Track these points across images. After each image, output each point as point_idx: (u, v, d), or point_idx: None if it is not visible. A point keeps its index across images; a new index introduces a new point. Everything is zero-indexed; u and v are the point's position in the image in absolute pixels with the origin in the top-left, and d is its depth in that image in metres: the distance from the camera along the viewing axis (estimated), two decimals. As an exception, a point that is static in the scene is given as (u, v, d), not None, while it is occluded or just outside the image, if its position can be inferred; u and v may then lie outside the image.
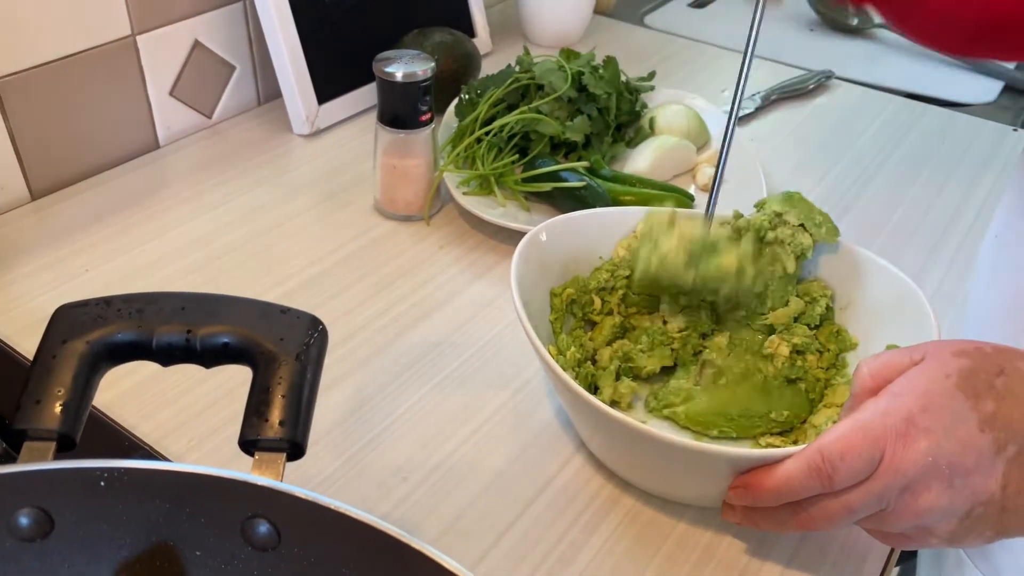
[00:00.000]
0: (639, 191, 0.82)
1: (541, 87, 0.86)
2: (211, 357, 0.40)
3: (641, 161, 0.87)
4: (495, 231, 0.80)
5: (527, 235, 0.62)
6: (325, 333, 0.41)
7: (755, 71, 0.59)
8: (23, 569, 0.35)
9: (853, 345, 0.62)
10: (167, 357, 0.40)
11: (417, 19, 1.00)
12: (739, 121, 1.01)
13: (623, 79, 0.92)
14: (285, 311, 0.41)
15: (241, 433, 0.38)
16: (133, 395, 0.62)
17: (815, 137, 1.01)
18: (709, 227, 0.60)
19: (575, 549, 0.54)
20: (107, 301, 0.40)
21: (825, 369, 0.61)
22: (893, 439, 0.44)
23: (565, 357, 0.61)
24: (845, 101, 1.09)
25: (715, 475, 0.51)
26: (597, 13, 1.24)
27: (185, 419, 0.61)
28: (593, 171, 0.83)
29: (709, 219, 0.60)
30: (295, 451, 0.38)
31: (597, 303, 0.65)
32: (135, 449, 0.58)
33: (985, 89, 1.14)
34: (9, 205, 0.81)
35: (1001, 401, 0.43)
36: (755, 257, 0.61)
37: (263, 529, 0.35)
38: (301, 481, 0.57)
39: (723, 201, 0.62)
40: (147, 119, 0.89)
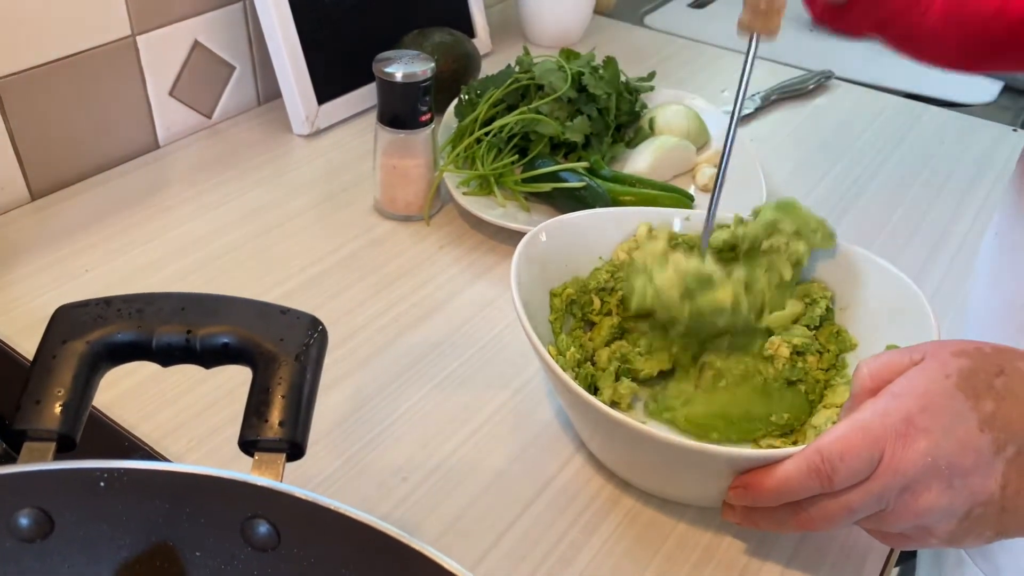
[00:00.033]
0: (639, 191, 0.82)
1: (541, 87, 0.86)
2: (211, 357, 0.40)
3: (641, 161, 0.87)
4: (495, 231, 0.81)
5: (527, 235, 0.62)
6: (325, 333, 0.41)
7: (755, 71, 0.59)
8: (23, 569, 0.35)
9: (853, 346, 0.62)
10: (167, 357, 0.40)
11: (417, 19, 1.00)
12: (739, 121, 1.01)
13: (623, 79, 0.92)
14: (285, 311, 0.41)
15: (241, 433, 0.38)
16: (133, 395, 0.62)
17: (815, 137, 1.01)
18: (704, 258, 0.60)
19: (575, 549, 0.54)
20: (107, 301, 0.40)
21: (825, 370, 0.61)
22: (892, 439, 0.44)
23: (565, 358, 0.61)
24: (845, 101, 1.09)
25: (715, 475, 0.51)
26: (597, 13, 1.24)
27: (185, 419, 0.61)
28: (593, 171, 0.83)
29: (703, 251, 0.60)
30: (295, 451, 0.38)
31: (596, 303, 0.65)
32: (135, 449, 0.58)
33: (985, 89, 1.14)
34: (9, 205, 0.81)
35: (1001, 401, 0.43)
36: (750, 287, 0.61)
37: (263, 529, 0.35)
38: (301, 481, 0.57)
39: (722, 201, 0.62)
40: (147, 119, 0.89)
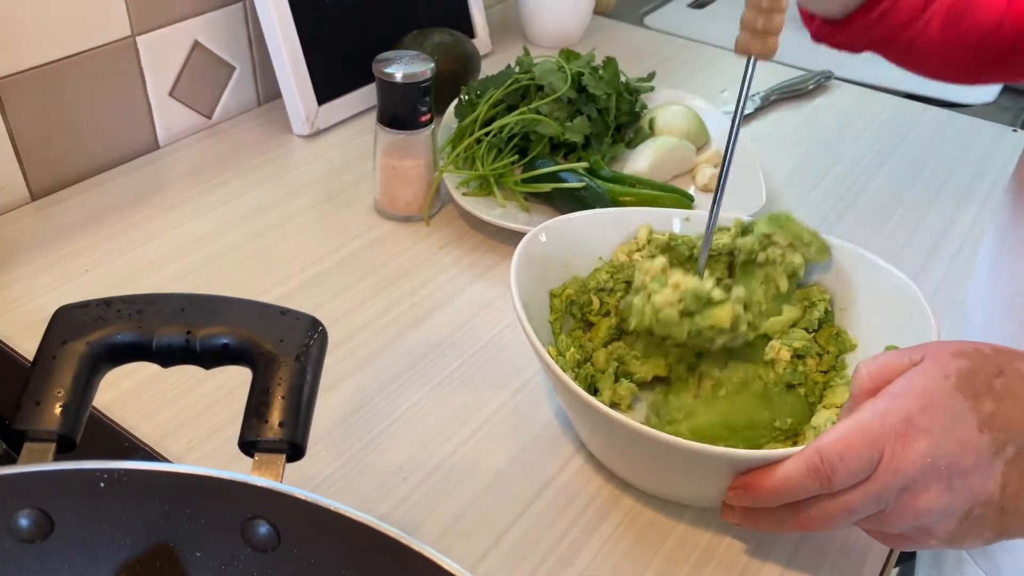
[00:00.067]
0: (639, 192, 0.82)
1: (541, 88, 0.86)
2: (211, 358, 0.40)
3: (641, 162, 0.87)
4: (495, 232, 0.81)
5: (527, 236, 0.62)
6: (325, 334, 0.41)
7: (755, 71, 0.59)
8: (23, 570, 0.36)
9: (852, 346, 0.62)
10: (167, 358, 0.40)
11: (417, 20, 1.00)
12: (737, 135, 1.02)
13: (623, 80, 0.92)
14: (285, 312, 0.41)
15: (241, 434, 0.38)
16: (133, 396, 0.62)
17: (815, 137, 1.01)
18: (702, 275, 0.60)
19: (575, 549, 0.54)
20: (107, 302, 0.40)
21: (824, 372, 0.61)
22: (892, 439, 0.44)
23: (565, 358, 0.61)
24: (845, 101, 1.09)
25: (714, 476, 0.51)
26: (597, 14, 1.24)
27: (185, 420, 0.61)
28: (593, 172, 0.83)
29: (701, 270, 0.60)
30: (295, 452, 0.38)
31: (595, 303, 0.65)
32: (135, 450, 0.58)
33: (984, 89, 1.14)
34: (9, 205, 0.81)
35: (1000, 402, 0.43)
36: (749, 306, 0.61)
37: (263, 530, 0.35)
38: (301, 482, 0.57)
39: (723, 203, 0.62)
40: (147, 119, 0.89)
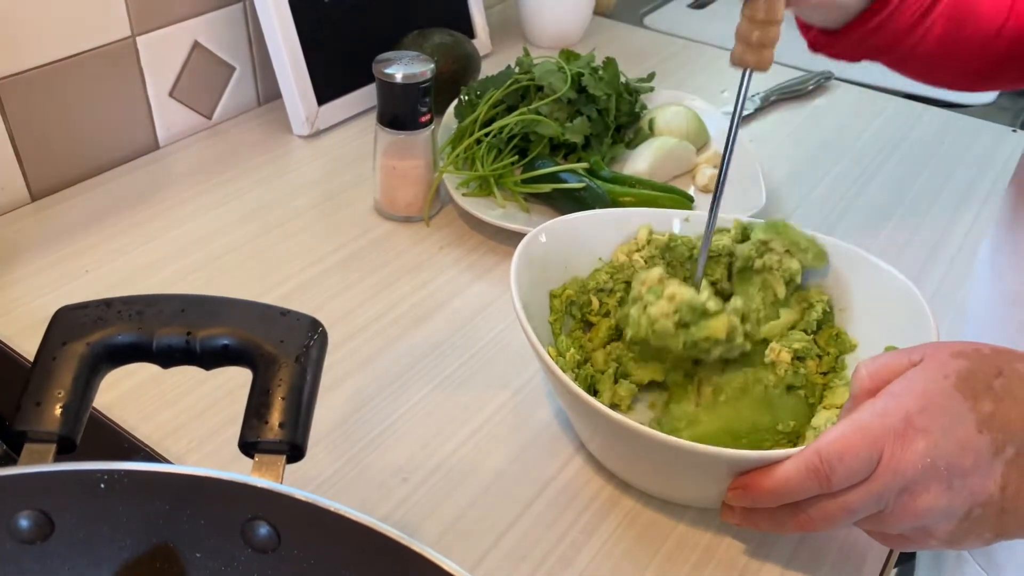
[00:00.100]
0: (639, 192, 0.82)
1: (541, 88, 0.86)
2: (211, 359, 0.40)
3: (641, 162, 0.87)
4: (495, 232, 0.81)
5: (527, 236, 0.62)
6: (325, 335, 0.41)
7: (751, 82, 0.59)
8: (23, 571, 0.36)
9: (852, 347, 0.62)
10: (167, 359, 0.40)
11: (417, 20, 1.00)
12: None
13: (623, 80, 0.92)
14: (285, 313, 0.41)
15: (241, 435, 0.38)
16: (133, 397, 0.63)
17: (815, 138, 1.02)
18: (700, 279, 0.59)
19: (575, 550, 0.54)
20: (107, 303, 0.40)
21: (824, 374, 0.61)
22: (891, 440, 0.44)
23: (565, 359, 0.61)
24: (844, 102, 1.09)
25: (714, 476, 0.51)
26: (597, 14, 1.24)
27: (185, 421, 0.61)
28: (593, 172, 0.83)
29: (698, 281, 0.60)
30: (295, 453, 0.38)
31: (595, 303, 0.65)
32: (135, 451, 0.58)
33: (984, 90, 1.14)
34: (9, 206, 0.81)
35: (999, 402, 0.43)
36: (747, 316, 0.61)
37: (263, 531, 0.35)
38: (301, 482, 0.57)
39: (722, 203, 0.62)
40: (147, 120, 0.89)
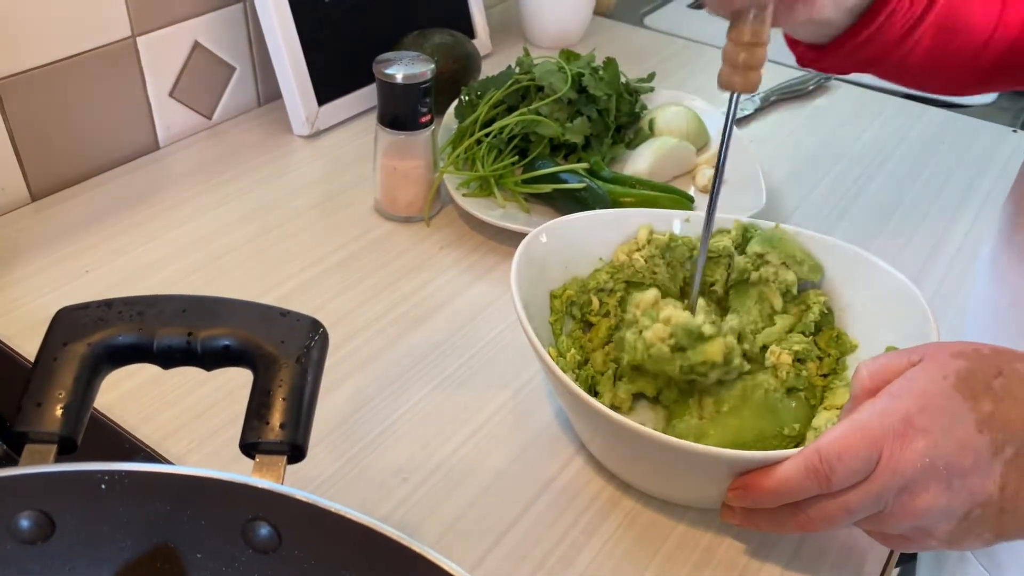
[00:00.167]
0: (639, 192, 0.82)
1: (541, 88, 0.86)
2: (212, 360, 0.40)
3: (641, 162, 0.87)
4: (495, 232, 0.81)
5: (527, 237, 0.62)
6: (326, 336, 0.41)
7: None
8: (24, 572, 0.36)
9: (853, 348, 0.62)
10: (168, 359, 0.40)
11: (417, 20, 1.00)
12: (738, 122, 1.02)
13: (623, 80, 0.92)
14: (285, 314, 0.41)
15: (242, 436, 0.38)
16: (134, 397, 0.63)
17: (815, 138, 1.02)
18: (695, 309, 0.59)
19: (575, 550, 0.54)
20: (108, 303, 0.40)
21: (824, 376, 0.61)
22: (891, 439, 0.44)
23: (565, 359, 0.61)
24: (844, 102, 1.10)
25: (714, 477, 0.51)
26: (597, 14, 1.24)
27: (186, 421, 0.61)
28: (593, 172, 0.83)
29: (693, 303, 0.60)
30: (296, 454, 0.38)
31: (595, 303, 0.65)
32: (136, 451, 0.58)
33: (984, 90, 1.14)
34: (9, 206, 0.81)
35: (999, 402, 0.44)
36: (743, 335, 0.61)
37: (264, 531, 0.35)
38: (302, 483, 0.57)
39: (722, 203, 0.62)
40: (147, 120, 0.89)
